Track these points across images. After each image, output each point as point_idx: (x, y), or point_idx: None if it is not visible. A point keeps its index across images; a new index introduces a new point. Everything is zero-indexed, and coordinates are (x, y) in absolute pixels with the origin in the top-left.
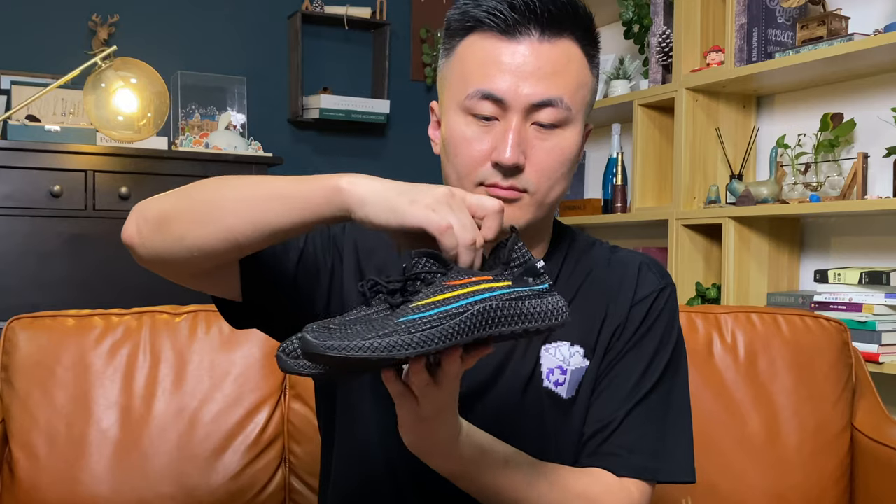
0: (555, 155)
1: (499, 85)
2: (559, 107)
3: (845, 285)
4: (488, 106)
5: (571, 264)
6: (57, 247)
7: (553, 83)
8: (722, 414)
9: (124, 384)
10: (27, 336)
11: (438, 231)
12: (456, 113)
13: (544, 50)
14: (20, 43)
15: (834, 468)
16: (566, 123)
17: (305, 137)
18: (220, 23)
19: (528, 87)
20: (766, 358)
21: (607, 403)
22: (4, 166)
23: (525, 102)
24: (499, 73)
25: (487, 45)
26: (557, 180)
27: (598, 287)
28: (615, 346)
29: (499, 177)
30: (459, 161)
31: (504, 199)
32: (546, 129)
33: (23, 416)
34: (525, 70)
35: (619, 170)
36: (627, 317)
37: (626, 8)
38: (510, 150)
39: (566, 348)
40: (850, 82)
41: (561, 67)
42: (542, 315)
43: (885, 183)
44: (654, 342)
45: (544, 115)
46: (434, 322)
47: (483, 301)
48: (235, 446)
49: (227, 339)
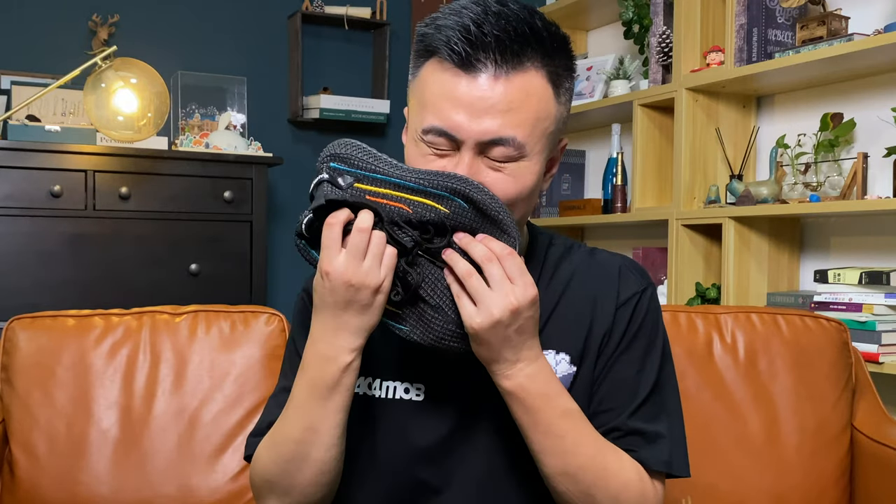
0: (509, 186)
1: (452, 121)
2: (511, 146)
3: (845, 285)
4: (442, 141)
5: (550, 270)
6: (57, 247)
7: (506, 121)
8: (722, 414)
9: (124, 384)
10: (27, 336)
11: None
12: (413, 142)
13: (500, 86)
14: (20, 43)
15: (834, 468)
16: (520, 159)
17: (305, 137)
18: (220, 23)
19: (480, 124)
20: (766, 358)
21: (609, 413)
22: (4, 166)
23: (476, 139)
24: (452, 108)
25: (445, 77)
26: (514, 208)
27: (580, 292)
28: (605, 351)
29: None
30: None
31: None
32: (501, 164)
33: (23, 416)
34: (478, 107)
35: (619, 170)
36: (613, 320)
37: (626, 8)
38: None
39: (552, 356)
40: (849, 82)
41: (517, 104)
42: None
43: (885, 183)
44: (643, 344)
45: (496, 153)
46: None
47: None
48: (235, 446)
49: (227, 340)
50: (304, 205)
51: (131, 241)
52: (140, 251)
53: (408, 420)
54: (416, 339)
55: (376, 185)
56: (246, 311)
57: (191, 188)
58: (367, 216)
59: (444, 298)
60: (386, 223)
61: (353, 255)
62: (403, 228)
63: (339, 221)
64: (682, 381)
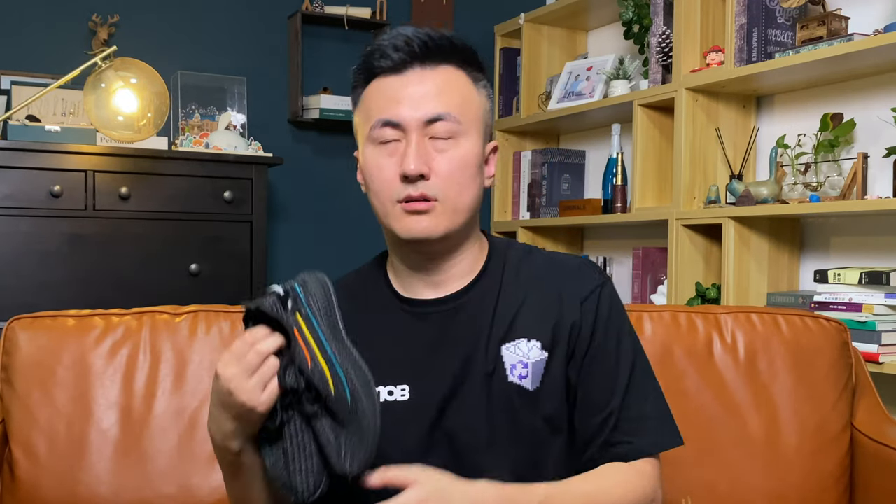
0: (455, 162)
1: (394, 111)
2: (449, 120)
3: (845, 285)
4: (390, 131)
5: (512, 272)
6: (57, 247)
7: (440, 101)
8: (722, 414)
9: (124, 384)
10: (27, 336)
11: None
12: (366, 147)
13: (427, 75)
14: (20, 43)
15: (834, 468)
16: (460, 135)
17: (305, 137)
18: (220, 23)
19: (418, 107)
20: (765, 358)
21: (597, 401)
22: (4, 166)
23: (419, 121)
24: (394, 102)
25: (383, 84)
26: (464, 185)
27: (545, 287)
28: (579, 345)
29: (410, 188)
30: (376, 185)
31: (420, 211)
32: (443, 141)
33: (23, 417)
34: (415, 95)
35: (619, 170)
36: (581, 313)
37: (626, 8)
38: (413, 160)
39: (524, 343)
40: (849, 82)
41: (445, 87)
42: None
43: (885, 183)
44: (614, 333)
45: (438, 129)
46: None
47: None
48: None
49: (228, 340)
50: (303, 205)
51: (131, 241)
52: (140, 251)
53: (396, 418)
54: (270, 474)
55: (309, 329)
56: None
57: (191, 188)
58: (273, 342)
59: (299, 453)
60: (287, 360)
61: (243, 369)
62: (297, 377)
63: (253, 340)
64: (682, 381)
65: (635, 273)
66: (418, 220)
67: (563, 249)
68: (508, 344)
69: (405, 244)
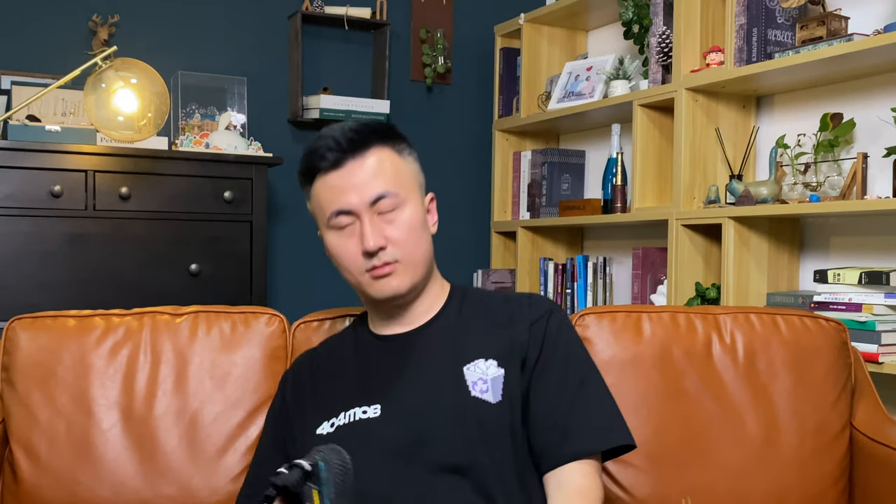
0: (404, 228)
1: (344, 201)
2: (390, 196)
3: (845, 285)
4: (344, 218)
5: (469, 307)
6: (57, 247)
7: (377, 182)
8: (721, 414)
9: (125, 385)
10: (28, 336)
11: None
12: (328, 234)
13: (358, 164)
14: (20, 43)
15: (833, 468)
16: (402, 204)
17: (305, 137)
18: (220, 23)
19: (362, 193)
20: (765, 358)
21: (548, 411)
22: (5, 166)
23: (366, 203)
24: (341, 193)
25: (328, 180)
26: (416, 243)
27: (497, 317)
28: (529, 364)
29: (374, 260)
30: (345, 265)
31: (386, 274)
32: (390, 213)
33: (24, 417)
34: (357, 183)
35: (619, 170)
36: (529, 335)
37: (626, 8)
38: (370, 239)
39: (482, 363)
40: (849, 82)
41: (378, 169)
42: None
43: (885, 183)
44: (562, 350)
45: (383, 205)
46: None
47: None
48: (236, 447)
49: (228, 341)
50: (303, 205)
51: (131, 241)
52: (140, 251)
53: (371, 431)
54: None
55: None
56: (246, 312)
57: (191, 188)
58: None
59: None
60: None
61: None
62: None
63: None
64: (682, 381)
65: (635, 273)
66: (387, 281)
67: (563, 249)
68: (468, 364)
69: (380, 301)
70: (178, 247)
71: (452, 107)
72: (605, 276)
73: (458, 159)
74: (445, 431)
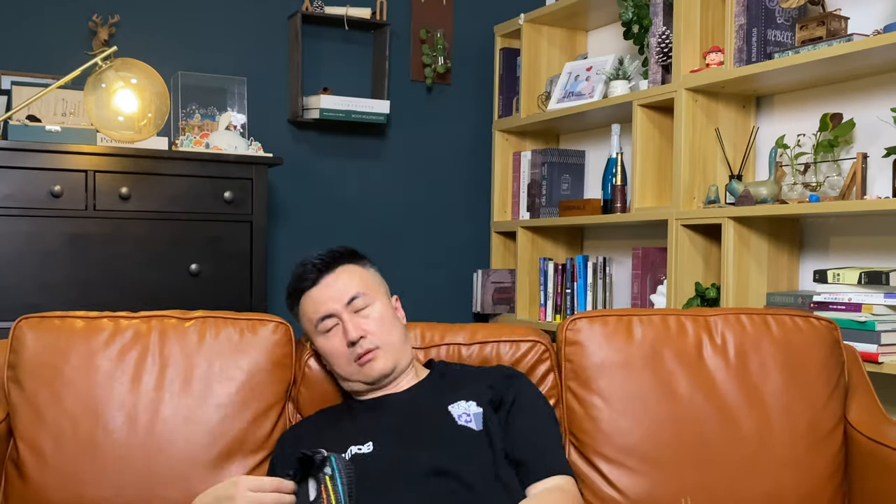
0: (377, 319)
1: (326, 308)
2: (361, 296)
3: (845, 285)
4: (329, 322)
5: (451, 373)
6: (57, 247)
7: (349, 287)
8: (714, 415)
9: (132, 387)
10: (35, 336)
11: None
12: (318, 339)
13: (332, 278)
14: (20, 43)
15: (827, 465)
16: (372, 302)
17: (305, 137)
18: (220, 23)
19: (339, 298)
20: (756, 358)
21: (524, 444)
22: (5, 166)
23: (343, 305)
24: (323, 303)
25: (312, 295)
26: (390, 330)
27: (475, 374)
28: (505, 405)
29: (357, 349)
30: (335, 360)
31: (371, 360)
32: (364, 310)
33: (30, 415)
34: (333, 293)
35: (619, 170)
36: (504, 385)
37: (626, 8)
38: (352, 331)
39: (464, 403)
40: (849, 82)
41: (348, 279)
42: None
43: (885, 183)
44: (530, 400)
45: (357, 304)
46: None
47: None
48: (241, 452)
49: (235, 346)
50: (303, 205)
51: (131, 241)
52: (140, 251)
53: (367, 463)
54: None
55: (334, 489)
56: (254, 319)
57: (191, 188)
58: (291, 500)
59: None
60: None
61: (256, 500)
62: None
63: (280, 488)
64: (672, 383)
65: (635, 273)
66: (372, 365)
67: (563, 249)
68: (453, 405)
69: (370, 384)
70: (178, 247)
71: (452, 107)
72: (605, 277)
73: (458, 159)
74: (435, 448)
